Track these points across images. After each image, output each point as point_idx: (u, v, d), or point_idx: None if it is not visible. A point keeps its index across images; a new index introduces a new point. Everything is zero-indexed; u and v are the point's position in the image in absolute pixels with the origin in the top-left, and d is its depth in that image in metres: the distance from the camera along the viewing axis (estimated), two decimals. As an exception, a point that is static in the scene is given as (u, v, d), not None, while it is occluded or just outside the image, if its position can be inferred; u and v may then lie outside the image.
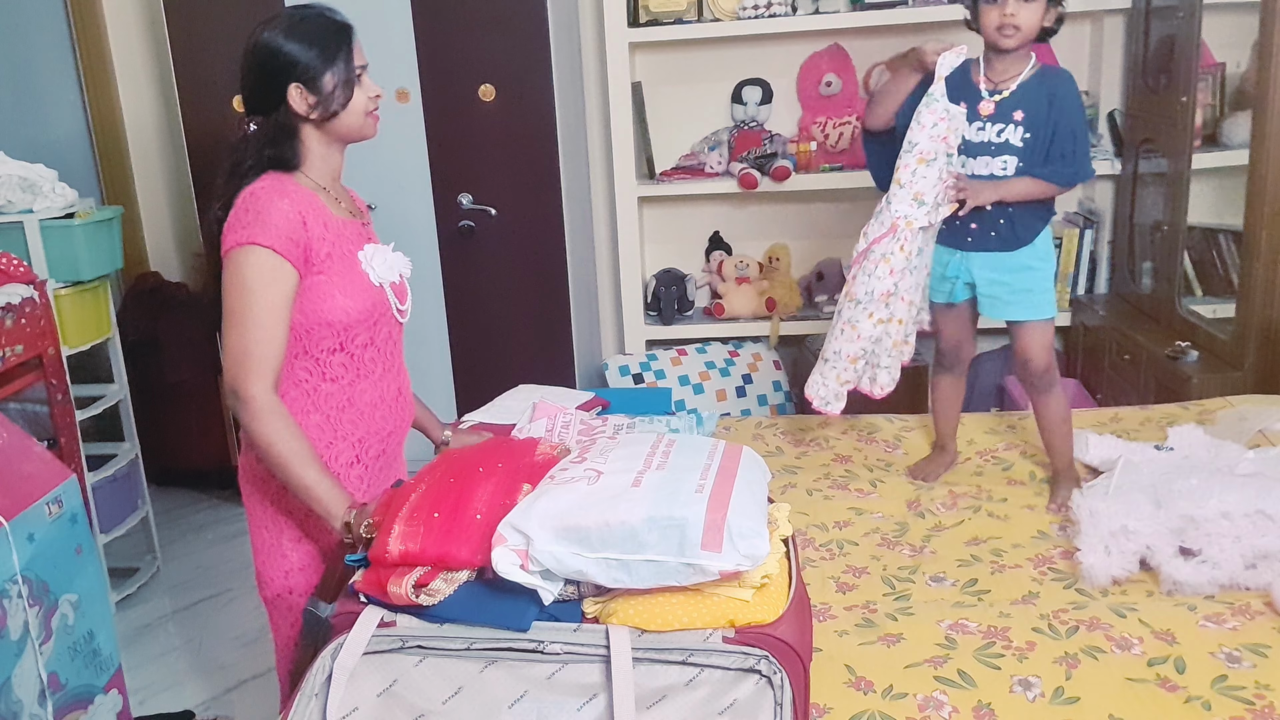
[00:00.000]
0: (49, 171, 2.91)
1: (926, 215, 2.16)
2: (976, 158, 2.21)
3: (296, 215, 1.62)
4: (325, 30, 1.67)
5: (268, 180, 1.65)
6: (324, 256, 1.66)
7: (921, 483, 2.37)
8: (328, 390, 1.72)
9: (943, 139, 2.15)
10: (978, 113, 2.19)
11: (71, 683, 2.22)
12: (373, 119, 1.74)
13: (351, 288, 1.69)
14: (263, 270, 1.59)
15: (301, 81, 1.64)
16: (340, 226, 1.71)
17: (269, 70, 1.65)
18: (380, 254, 1.76)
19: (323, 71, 1.65)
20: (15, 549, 2.06)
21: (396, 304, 1.80)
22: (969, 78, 2.21)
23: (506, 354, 3.56)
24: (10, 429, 2.26)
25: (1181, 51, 2.95)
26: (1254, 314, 2.70)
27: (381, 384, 1.78)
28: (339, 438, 1.73)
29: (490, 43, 3.29)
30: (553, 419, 2.15)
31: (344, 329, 1.69)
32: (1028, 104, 2.17)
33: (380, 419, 1.79)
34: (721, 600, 1.33)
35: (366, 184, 3.42)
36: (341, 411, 1.73)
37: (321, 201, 1.70)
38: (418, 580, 1.33)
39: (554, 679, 1.29)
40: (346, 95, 1.68)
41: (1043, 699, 1.56)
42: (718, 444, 1.55)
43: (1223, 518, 1.82)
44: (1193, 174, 2.96)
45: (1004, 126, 2.18)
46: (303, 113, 1.66)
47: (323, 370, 1.71)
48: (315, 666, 1.32)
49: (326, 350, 1.70)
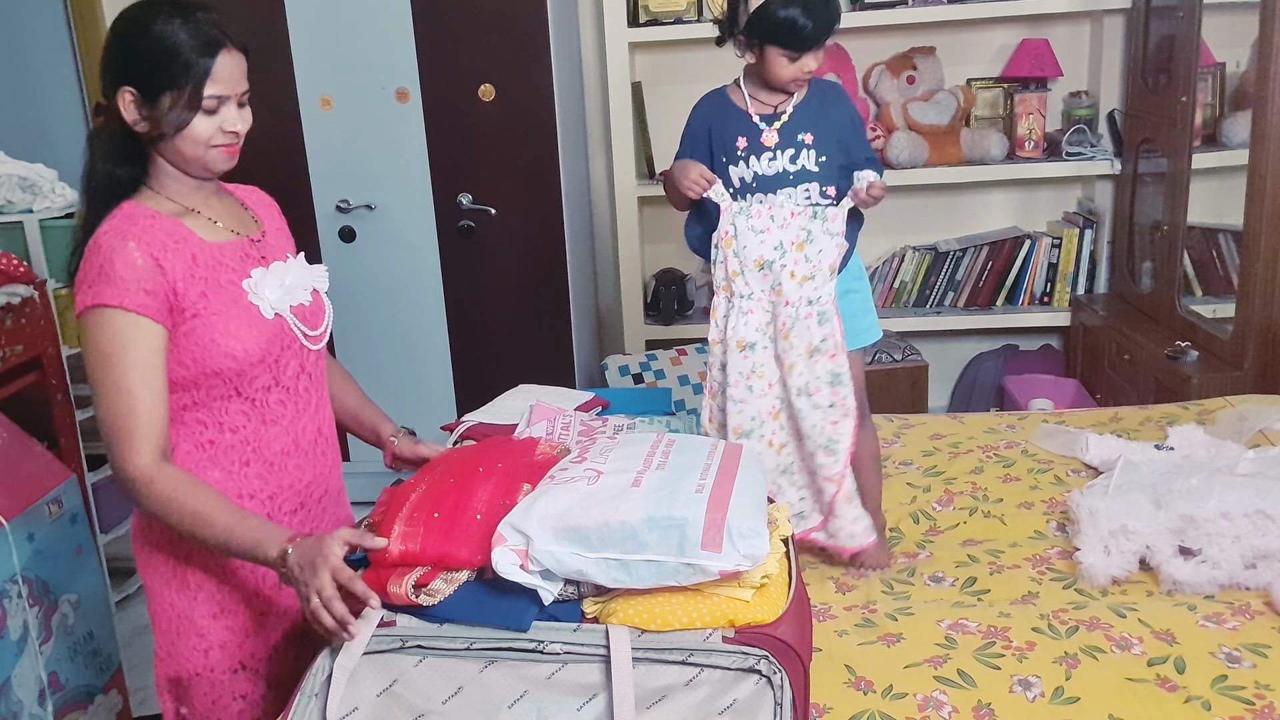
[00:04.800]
0: (49, 171, 2.91)
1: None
2: (775, 191, 1.91)
3: (148, 260, 1.38)
4: (191, 38, 1.39)
5: (116, 217, 1.41)
6: (196, 297, 1.42)
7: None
8: (228, 442, 1.49)
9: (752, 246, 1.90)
10: (760, 144, 1.92)
11: (71, 683, 2.22)
12: (223, 152, 1.45)
13: (237, 326, 1.45)
14: (117, 334, 1.37)
15: (136, 87, 1.39)
16: (215, 254, 1.46)
17: (115, 53, 1.41)
18: (272, 277, 1.50)
19: (163, 87, 1.39)
20: (15, 549, 2.06)
21: (303, 331, 1.54)
22: (732, 108, 1.95)
23: (506, 354, 3.56)
24: (10, 429, 2.26)
25: (1181, 51, 2.95)
26: (1254, 314, 2.70)
27: (294, 429, 1.55)
28: (245, 496, 1.50)
29: (490, 43, 3.29)
30: (552, 420, 2.15)
31: (236, 375, 1.46)
32: (813, 124, 1.91)
33: (295, 469, 1.55)
34: (721, 600, 1.33)
35: (366, 184, 3.45)
36: (245, 466, 1.50)
37: (186, 228, 1.45)
38: (418, 580, 1.33)
39: (554, 679, 1.29)
40: (181, 121, 1.40)
41: (1043, 699, 1.56)
42: (717, 444, 1.55)
43: (1222, 518, 1.82)
44: (1193, 174, 2.96)
45: (794, 152, 1.91)
46: (128, 120, 1.41)
47: (219, 420, 1.48)
48: (315, 666, 1.32)
49: (220, 398, 1.47)
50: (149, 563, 1.54)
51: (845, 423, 1.91)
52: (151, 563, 1.53)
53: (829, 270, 1.91)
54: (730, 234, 1.92)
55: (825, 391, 1.91)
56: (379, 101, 3.36)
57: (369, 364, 3.60)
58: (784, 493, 1.99)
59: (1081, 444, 2.35)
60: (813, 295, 1.90)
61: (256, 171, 1.52)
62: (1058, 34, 3.50)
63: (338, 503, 1.68)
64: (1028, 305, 3.60)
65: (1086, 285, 3.57)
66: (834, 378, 1.90)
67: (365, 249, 3.51)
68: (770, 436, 1.96)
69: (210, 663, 1.54)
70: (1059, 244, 3.54)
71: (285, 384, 1.53)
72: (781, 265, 1.89)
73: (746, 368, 1.94)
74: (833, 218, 1.90)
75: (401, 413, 3.43)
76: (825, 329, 1.90)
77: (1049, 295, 3.59)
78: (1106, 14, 3.40)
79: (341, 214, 3.48)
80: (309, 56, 3.35)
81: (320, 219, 3.48)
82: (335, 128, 3.39)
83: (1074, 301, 3.55)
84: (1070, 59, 3.53)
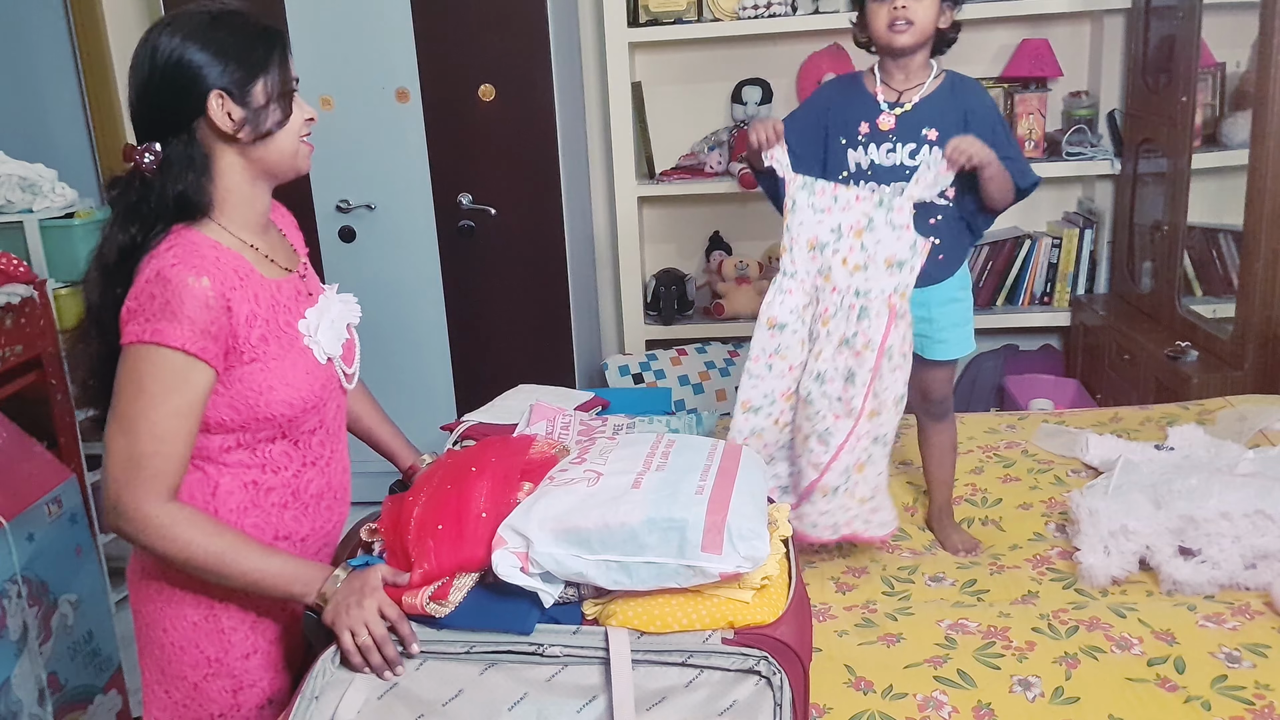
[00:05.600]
0: (49, 171, 2.91)
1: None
2: (889, 184, 1.86)
3: (219, 299, 1.30)
4: (252, 30, 1.34)
5: (179, 246, 1.31)
6: (257, 340, 1.35)
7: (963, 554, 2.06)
8: (270, 483, 1.43)
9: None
10: (878, 128, 1.87)
11: (71, 683, 2.22)
12: (307, 146, 1.41)
13: (294, 374, 1.39)
14: (170, 375, 1.28)
15: (224, 89, 1.30)
16: (274, 293, 1.39)
17: (178, 78, 1.29)
18: (324, 316, 1.45)
19: (253, 78, 1.32)
20: (15, 549, 2.06)
21: (344, 371, 1.50)
22: (861, 91, 1.91)
23: (506, 354, 3.56)
24: (10, 429, 2.26)
25: (1181, 51, 2.95)
26: (1254, 314, 2.70)
27: (329, 470, 1.51)
28: (280, 538, 1.45)
29: (490, 43, 3.29)
30: (551, 420, 2.15)
31: (288, 421, 1.40)
32: (940, 120, 1.84)
33: (326, 511, 1.52)
34: (721, 601, 1.33)
35: (366, 184, 3.45)
36: (284, 508, 1.45)
37: (249, 264, 1.37)
38: (433, 594, 1.33)
39: (554, 681, 1.29)
40: (284, 110, 1.35)
41: (1043, 699, 1.56)
42: (717, 444, 1.55)
43: (1222, 518, 1.82)
44: (1193, 174, 2.96)
45: (915, 147, 1.86)
46: (228, 130, 1.32)
47: (263, 462, 1.42)
48: (315, 669, 1.32)
49: (265, 439, 1.41)
50: (164, 610, 1.44)
51: (844, 421, 1.86)
52: (169, 611, 1.43)
53: (884, 263, 1.82)
54: (790, 207, 1.88)
55: (838, 384, 1.86)
56: (379, 101, 3.36)
57: (369, 364, 3.56)
58: (775, 464, 1.97)
59: (1081, 444, 2.35)
60: (862, 287, 1.83)
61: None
62: (1058, 34, 3.50)
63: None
64: (1028, 305, 3.60)
65: (1086, 285, 3.57)
66: (849, 375, 1.85)
67: (365, 249, 3.51)
68: (778, 415, 1.94)
69: (239, 702, 1.48)
70: (1059, 244, 3.54)
71: (328, 425, 1.49)
72: (835, 250, 1.84)
73: (771, 346, 1.90)
74: (899, 209, 1.81)
75: (401, 413, 3.42)
76: (863, 324, 1.83)
77: (1049, 295, 3.59)
78: (1106, 14, 3.40)
79: (341, 214, 3.48)
80: (309, 56, 3.34)
81: (320, 219, 3.48)
82: (335, 128, 3.39)
83: (1074, 301, 3.54)
84: (1070, 59, 3.53)
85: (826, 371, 1.87)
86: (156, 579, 1.43)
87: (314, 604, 1.35)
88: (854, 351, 1.84)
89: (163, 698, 1.49)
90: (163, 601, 1.44)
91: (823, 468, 1.87)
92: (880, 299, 1.83)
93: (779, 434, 1.96)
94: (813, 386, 1.88)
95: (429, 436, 2.94)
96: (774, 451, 1.98)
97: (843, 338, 1.85)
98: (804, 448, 1.91)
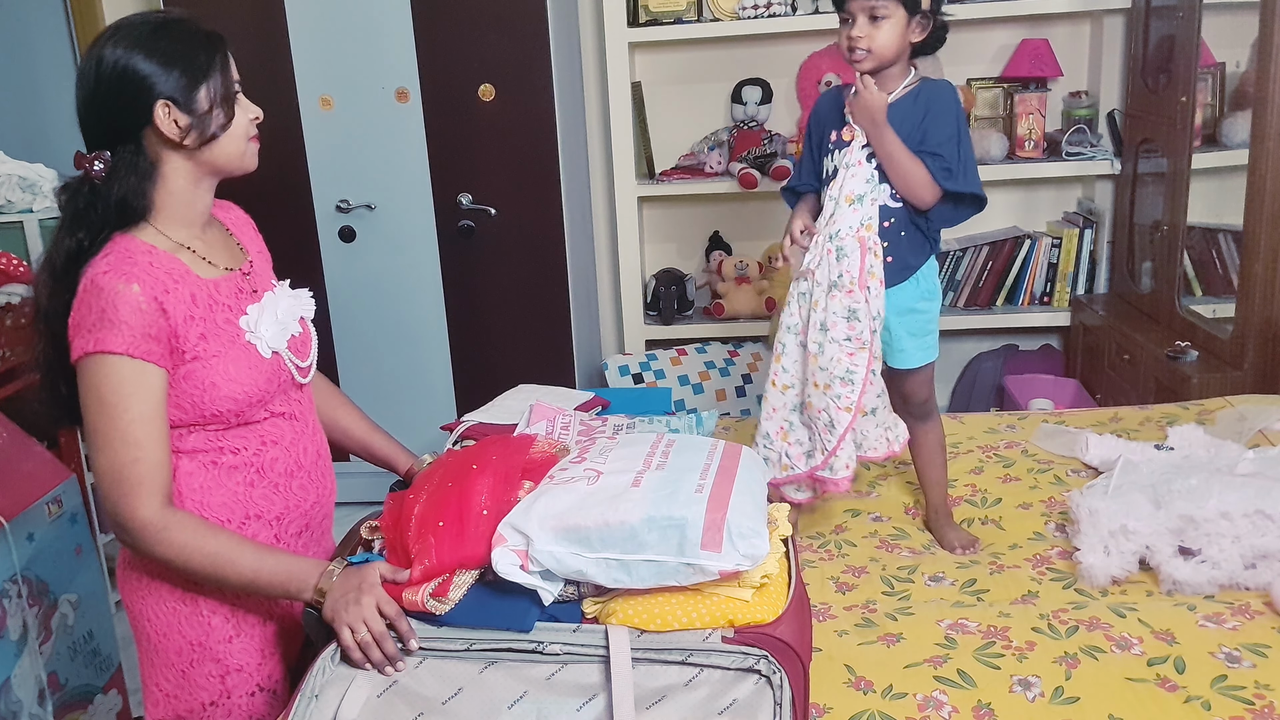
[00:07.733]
0: (49, 171, 2.91)
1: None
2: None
3: (151, 302, 1.33)
4: (195, 38, 1.38)
5: (114, 254, 1.35)
6: (196, 339, 1.38)
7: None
8: (230, 462, 1.46)
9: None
10: (842, 138, 1.95)
11: (71, 683, 2.22)
12: (254, 145, 1.45)
13: (236, 370, 1.42)
14: (122, 381, 1.32)
15: (170, 98, 1.34)
16: (212, 292, 1.42)
17: (124, 89, 1.33)
18: (267, 312, 1.47)
19: (197, 85, 1.36)
20: (15, 549, 2.06)
21: (296, 364, 1.52)
22: (839, 101, 1.99)
23: (506, 354, 3.56)
24: (10, 429, 2.26)
25: (1181, 51, 2.95)
26: (1254, 314, 2.70)
27: (294, 450, 1.52)
28: (252, 516, 1.47)
29: (490, 43, 3.29)
30: (551, 420, 2.15)
31: (234, 415, 1.44)
32: (899, 126, 1.88)
33: (299, 490, 1.53)
34: (721, 600, 1.33)
35: (366, 184, 3.45)
36: (250, 486, 1.47)
37: (184, 265, 1.40)
38: (434, 591, 1.33)
39: (554, 679, 1.29)
40: (227, 114, 1.39)
41: (1042, 699, 1.56)
42: (717, 444, 1.55)
43: (1222, 518, 1.82)
44: (1192, 174, 2.96)
45: (872, 152, 1.92)
46: (174, 137, 1.36)
47: (219, 445, 1.45)
48: (315, 668, 1.32)
49: (219, 428, 1.45)
50: (146, 599, 1.47)
51: (860, 354, 1.93)
52: (150, 599, 1.47)
53: (845, 201, 1.93)
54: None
55: (841, 325, 1.93)
56: (379, 101, 3.36)
57: (369, 364, 3.61)
58: (794, 429, 2.05)
59: (1081, 444, 2.35)
60: (833, 230, 1.94)
61: (256, 171, 1.51)
62: (1058, 34, 3.51)
63: (330, 525, 1.65)
64: (1028, 305, 3.60)
65: (1086, 285, 3.57)
66: (850, 312, 1.92)
67: (365, 249, 3.51)
68: (774, 376, 2.05)
69: (227, 688, 1.50)
70: (1059, 244, 3.54)
71: (279, 412, 1.51)
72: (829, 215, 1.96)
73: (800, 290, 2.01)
74: (851, 152, 1.93)
75: (401, 412, 3.45)
76: (843, 264, 1.92)
77: (1049, 295, 3.59)
78: (1106, 14, 3.40)
79: (341, 214, 3.48)
80: (309, 56, 3.35)
81: (320, 219, 3.48)
82: (335, 128, 3.39)
83: (1074, 301, 3.55)
84: (1070, 59, 3.53)
85: (825, 319, 1.95)
86: (137, 569, 1.47)
87: (312, 600, 1.37)
88: (845, 290, 1.93)
89: (155, 691, 1.52)
90: (145, 590, 1.47)
91: (853, 407, 1.95)
92: (850, 236, 1.93)
93: (782, 397, 2.05)
94: (820, 338, 1.96)
95: (429, 436, 2.95)
96: (786, 415, 2.05)
97: (831, 282, 1.95)
98: (826, 398, 1.96)
